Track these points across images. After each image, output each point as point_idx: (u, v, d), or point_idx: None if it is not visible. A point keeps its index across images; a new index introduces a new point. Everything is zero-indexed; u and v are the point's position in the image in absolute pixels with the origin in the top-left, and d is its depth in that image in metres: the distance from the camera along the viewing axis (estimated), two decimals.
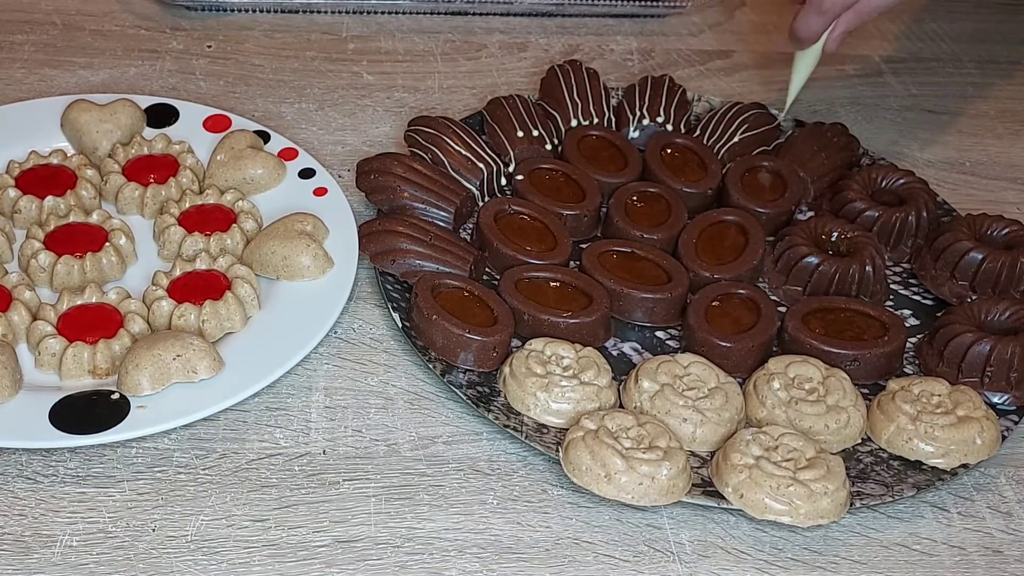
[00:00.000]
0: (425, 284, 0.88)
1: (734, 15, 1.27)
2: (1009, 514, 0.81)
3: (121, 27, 1.17)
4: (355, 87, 1.13)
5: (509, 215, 0.95)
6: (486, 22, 1.22)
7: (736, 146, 1.03)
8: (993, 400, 0.86)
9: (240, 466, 0.80)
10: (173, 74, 1.12)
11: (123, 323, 0.85)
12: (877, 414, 0.84)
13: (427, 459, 0.82)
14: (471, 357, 0.85)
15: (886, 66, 1.21)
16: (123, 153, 0.98)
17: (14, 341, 0.84)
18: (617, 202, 0.97)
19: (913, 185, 0.99)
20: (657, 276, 0.92)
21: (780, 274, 0.94)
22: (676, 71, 1.17)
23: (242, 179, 0.97)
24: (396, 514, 0.78)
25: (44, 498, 0.77)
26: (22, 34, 1.15)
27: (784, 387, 0.84)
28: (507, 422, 0.82)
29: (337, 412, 0.84)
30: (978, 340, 0.86)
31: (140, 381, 0.80)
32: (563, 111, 1.04)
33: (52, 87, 1.09)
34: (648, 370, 0.84)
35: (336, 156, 1.05)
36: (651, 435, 0.79)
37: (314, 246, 0.90)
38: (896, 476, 0.81)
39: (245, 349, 0.85)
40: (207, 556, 0.75)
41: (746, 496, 0.77)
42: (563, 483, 0.80)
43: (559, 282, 0.90)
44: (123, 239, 0.91)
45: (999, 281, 0.93)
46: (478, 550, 0.77)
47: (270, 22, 1.19)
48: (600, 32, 1.22)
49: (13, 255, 0.91)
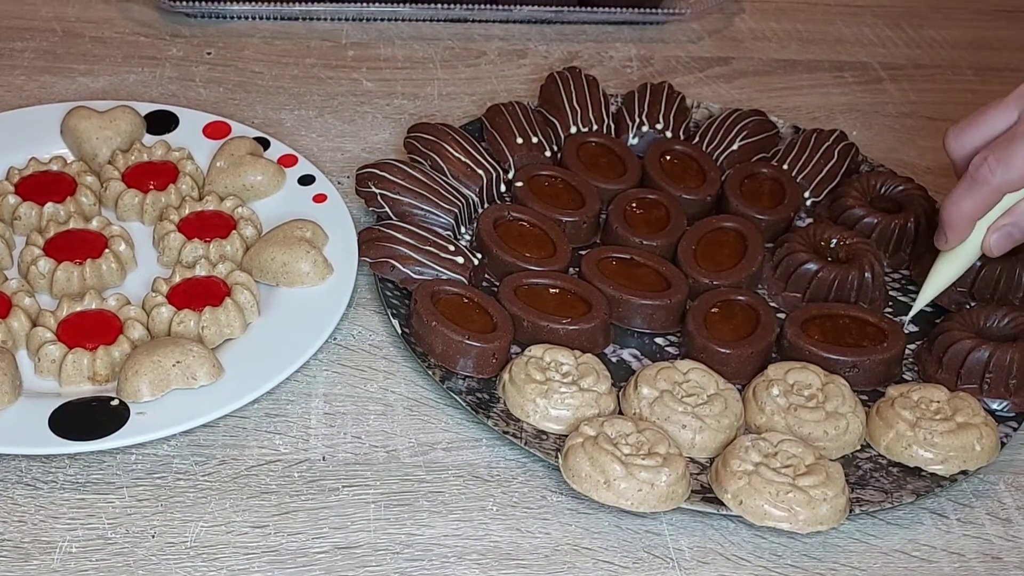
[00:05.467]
0: (424, 291, 0.88)
1: (733, 22, 1.27)
2: (1008, 520, 0.82)
3: (121, 34, 1.17)
4: (355, 94, 1.13)
5: (508, 222, 0.95)
6: (485, 29, 1.22)
7: (735, 153, 1.03)
8: (992, 406, 0.86)
9: (239, 472, 0.80)
10: (173, 81, 1.12)
11: (123, 329, 0.85)
12: (876, 420, 0.84)
13: (426, 465, 0.82)
14: (470, 363, 0.85)
15: (885, 73, 1.21)
16: (123, 160, 0.98)
17: (14, 347, 0.85)
18: (616, 209, 0.97)
19: (912, 192, 0.99)
20: (656, 283, 0.92)
21: (779, 281, 0.94)
22: (675, 78, 1.17)
23: (242, 186, 0.97)
24: (395, 520, 0.78)
25: (43, 504, 0.77)
26: (22, 41, 1.16)
27: (783, 393, 0.84)
28: (506, 428, 0.82)
29: (336, 418, 0.84)
30: (977, 347, 0.86)
31: (140, 387, 0.80)
32: (562, 118, 1.04)
33: (52, 94, 1.09)
34: (647, 376, 0.84)
35: (335, 163, 1.05)
36: (650, 441, 0.79)
37: (313, 252, 0.90)
38: (895, 482, 0.81)
39: (245, 355, 0.85)
40: (207, 562, 0.75)
41: (745, 502, 0.77)
42: (562, 489, 0.80)
43: (558, 288, 0.90)
44: (123, 245, 0.91)
45: (998, 287, 0.93)
46: (477, 556, 0.77)
47: (270, 29, 1.19)
48: (599, 39, 1.22)
49: (13, 261, 0.91)
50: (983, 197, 0.82)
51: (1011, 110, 0.83)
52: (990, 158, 0.81)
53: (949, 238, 0.84)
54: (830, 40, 1.25)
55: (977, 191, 0.82)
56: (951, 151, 0.85)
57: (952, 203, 0.83)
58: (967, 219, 0.83)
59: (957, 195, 0.83)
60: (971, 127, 0.84)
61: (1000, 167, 0.80)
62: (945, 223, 0.84)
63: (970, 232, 0.84)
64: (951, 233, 0.84)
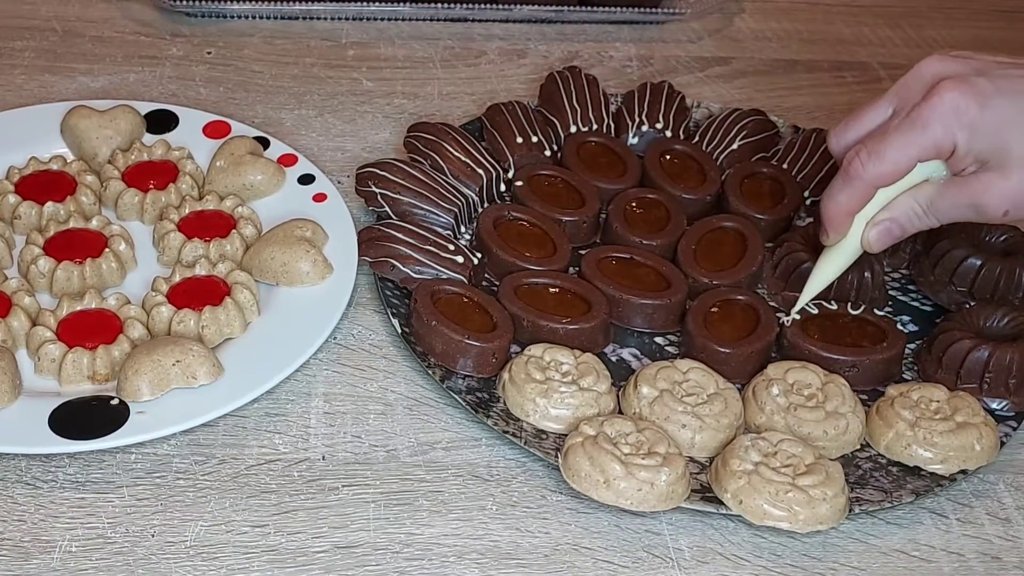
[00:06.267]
0: (424, 290, 0.88)
1: (733, 22, 1.27)
2: (1008, 520, 0.82)
3: (121, 33, 1.17)
4: (355, 93, 1.13)
5: (508, 221, 0.95)
6: (485, 29, 1.22)
7: (735, 152, 1.03)
8: (992, 406, 0.86)
9: (239, 472, 0.80)
10: (173, 80, 1.12)
11: (123, 329, 0.85)
12: (876, 420, 0.84)
13: (426, 465, 0.82)
14: (470, 363, 0.85)
15: (884, 72, 1.21)
16: (123, 159, 0.98)
17: (14, 347, 0.85)
18: (616, 208, 0.97)
19: None
20: (656, 282, 0.92)
21: (779, 280, 0.94)
22: (675, 77, 1.17)
23: (242, 185, 0.97)
24: (395, 520, 0.78)
25: (43, 504, 0.77)
26: (22, 40, 1.16)
27: (783, 393, 0.84)
28: (506, 428, 0.82)
29: (336, 418, 0.84)
30: (977, 346, 0.86)
31: (140, 387, 0.80)
32: (562, 117, 1.04)
33: (52, 93, 1.09)
34: (647, 376, 0.84)
35: (335, 162, 1.05)
36: (650, 441, 0.79)
37: (313, 252, 0.90)
38: (895, 482, 0.81)
39: (244, 355, 0.85)
40: (206, 562, 0.75)
41: (745, 502, 0.77)
42: (562, 489, 0.80)
43: (558, 288, 0.91)
44: (123, 245, 0.91)
45: (997, 287, 0.93)
46: (477, 556, 0.77)
47: (270, 29, 1.19)
48: (599, 39, 1.22)
49: (13, 261, 0.92)
50: (856, 191, 0.82)
51: (886, 106, 0.83)
52: (861, 152, 0.81)
53: (829, 233, 0.85)
54: (830, 40, 1.25)
55: (850, 185, 0.82)
56: (832, 149, 0.86)
57: (828, 198, 0.83)
58: (843, 213, 0.83)
59: (833, 190, 0.83)
60: (850, 124, 0.84)
61: (871, 160, 0.81)
62: (823, 218, 0.84)
63: (849, 226, 0.84)
64: (830, 228, 0.84)
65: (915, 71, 0.82)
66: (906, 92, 0.82)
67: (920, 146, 0.80)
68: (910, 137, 0.80)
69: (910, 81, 0.82)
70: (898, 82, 0.84)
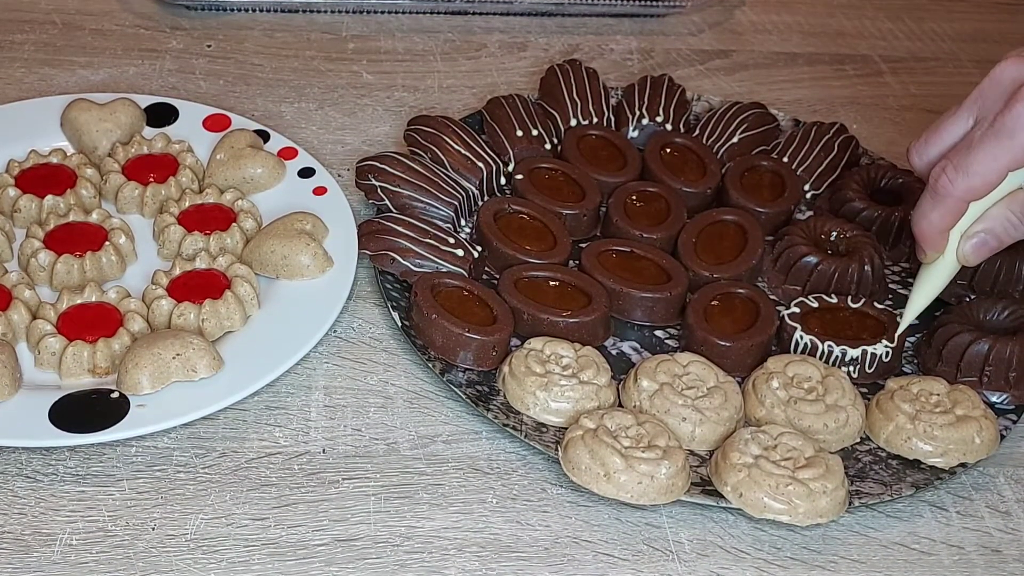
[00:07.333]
0: (424, 283, 0.88)
1: (734, 14, 1.27)
2: (1008, 513, 0.82)
3: (121, 26, 1.17)
4: (355, 86, 1.13)
5: (508, 214, 0.95)
6: (486, 21, 1.22)
7: (735, 146, 1.03)
8: (992, 399, 0.87)
9: (240, 465, 0.80)
10: (173, 73, 1.12)
11: (123, 322, 0.85)
12: (876, 413, 0.84)
13: (426, 458, 0.82)
14: (470, 356, 0.85)
15: (885, 65, 1.21)
16: (123, 152, 0.98)
17: (14, 340, 0.85)
18: (616, 201, 0.97)
19: (912, 184, 0.99)
20: (656, 275, 0.92)
21: (779, 273, 0.94)
22: (676, 71, 1.17)
23: (242, 178, 0.97)
24: (395, 513, 0.78)
25: (44, 497, 0.77)
26: (22, 33, 1.15)
27: (783, 386, 0.84)
28: (506, 421, 0.82)
29: (336, 411, 0.84)
30: (976, 340, 0.86)
31: (140, 380, 0.80)
32: (562, 111, 1.04)
33: (52, 86, 1.09)
34: (647, 369, 0.84)
35: (336, 155, 1.05)
36: (650, 434, 0.79)
37: (313, 245, 0.90)
38: (895, 475, 0.81)
39: (245, 348, 0.85)
40: (207, 555, 0.75)
41: (745, 495, 0.78)
42: (562, 482, 0.80)
43: (558, 281, 0.90)
44: (123, 238, 0.91)
45: (997, 280, 0.93)
46: (477, 549, 0.77)
47: (270, 21, 1.19)
48: (600, 32, 1.22)
49: (13, 254, 0.92)
50: (947, 208, 0.80)
51: (966, 116, 0.81)
52: (948, 168, 0.80)
53: (926, 251, 0.84)
54: (831, 33, 1.25)
55: (941, 203, 0.80)
56: (916, 167, 0.84)
57: (920, 216, 0.82)
58: (936, 232, 0.82)
59: (924, 208, 0.81)
60: (931, 139, 0.83)
61: (959, 176, 0.79)
62: (917, 237, 0.83)
63: (945, 243, 0.83)
64: (926, 247, 0.83)
65: (992, 77, 0.80)
66: (985, 100, 0.80)
67: (1009, 156, 0.78)
68: (998, 148, 0.78)
69: (988, 88, 0.80)
70: (975, 90, 0.81)
